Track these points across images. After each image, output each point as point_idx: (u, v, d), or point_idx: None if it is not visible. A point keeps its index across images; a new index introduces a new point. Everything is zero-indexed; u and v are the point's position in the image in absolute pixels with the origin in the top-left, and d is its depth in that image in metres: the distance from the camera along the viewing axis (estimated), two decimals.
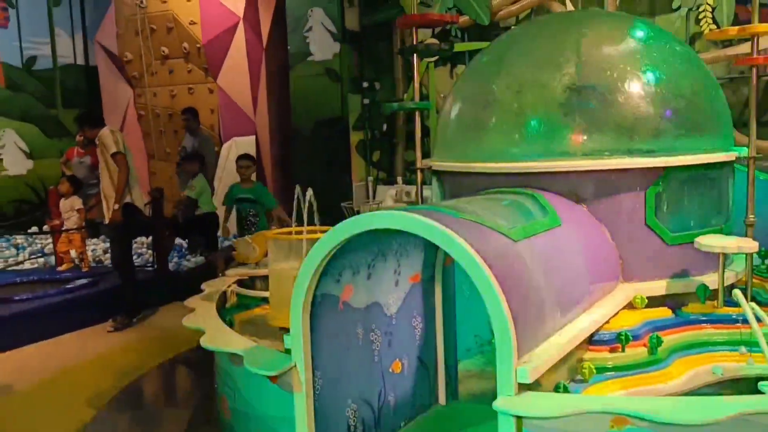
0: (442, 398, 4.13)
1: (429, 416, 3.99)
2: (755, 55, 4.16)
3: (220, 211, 8.67)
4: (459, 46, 8.55)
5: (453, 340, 4.19)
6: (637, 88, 4.15)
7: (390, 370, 3.72)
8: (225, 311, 4.78)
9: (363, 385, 3.52)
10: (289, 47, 10.64)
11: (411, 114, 8.11)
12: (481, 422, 3.74)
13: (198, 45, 11.45)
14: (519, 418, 2.62)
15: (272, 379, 3.24)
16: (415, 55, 4.41)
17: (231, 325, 4.34)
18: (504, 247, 3.02)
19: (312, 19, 10.46)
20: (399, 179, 10.35)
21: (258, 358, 3.35)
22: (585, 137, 4.09)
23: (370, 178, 10.68)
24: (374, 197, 10.36)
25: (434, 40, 9.21)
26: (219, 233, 8.64)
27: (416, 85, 4.53)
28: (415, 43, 4.37)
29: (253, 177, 8.50)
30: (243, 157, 8.50)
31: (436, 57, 9.00)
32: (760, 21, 4.08)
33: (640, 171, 3.98)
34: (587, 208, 4.00)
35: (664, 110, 4.16)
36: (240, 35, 11.30)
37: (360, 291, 3.43)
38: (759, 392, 2.82)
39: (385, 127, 10.88)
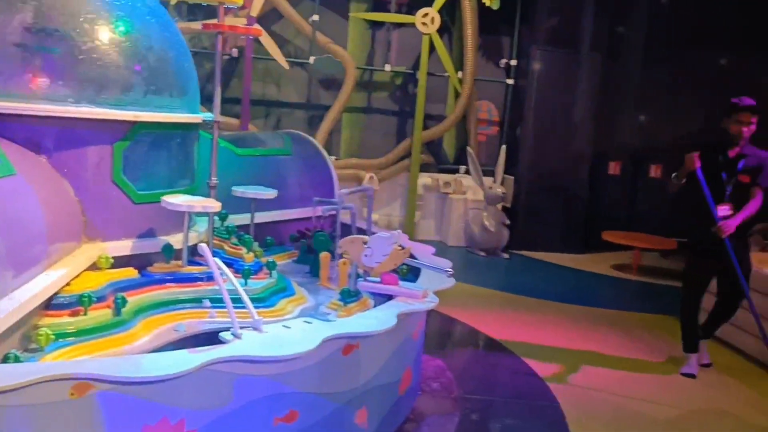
0: None
1: None
2: (221, 22, 4.34)
3: None
4: None
5: None
6: (107, 37, 3.87)
7: None
8: None
9: None
10: None
11: None
12: None
13: None
14: None
15: None
16: None
17: None
18: None
19: None
20: None
21: None
22: (47, 81, 3.65)
23: None
24: None
25: None
26: None
27: None
28: None
29: None
30: None
31: None
32: None
33: (107, 123, 3.73)
34: (49, 159, 3.58)
35: (134, 64, 3.98)
36: None
37: None
38: (221, 342, 2.89)
39: None
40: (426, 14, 9.19)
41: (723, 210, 5.03)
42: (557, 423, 4.40)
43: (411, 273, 4.46)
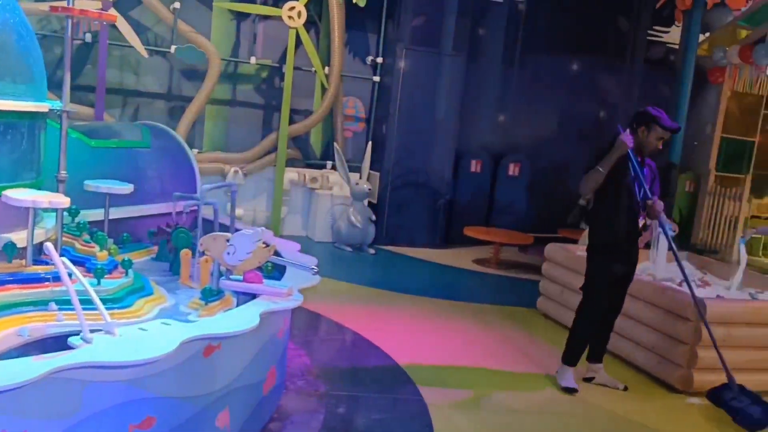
0: None
1: None
2: (70, 5, 4.08)
3: None
4: None
5: None
6: None
7: None
8: None
9: None
10: None
11: None
12: None
13: None
14: None
15: None
16: None
17: None
18: None
19: None
20: None
21: None
22: None
23: None
24: None
25: None
26: None
27: None
28: None
29: None
30: None
31: None
32: None
33: None
34: None
35: None
36: None
37: None
38: (70, 348, 2.71)
39: None
40: (293, 8, 9.08)
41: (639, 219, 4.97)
42: (421, 415, 4.48)
43: (276, 270, 4.39)
